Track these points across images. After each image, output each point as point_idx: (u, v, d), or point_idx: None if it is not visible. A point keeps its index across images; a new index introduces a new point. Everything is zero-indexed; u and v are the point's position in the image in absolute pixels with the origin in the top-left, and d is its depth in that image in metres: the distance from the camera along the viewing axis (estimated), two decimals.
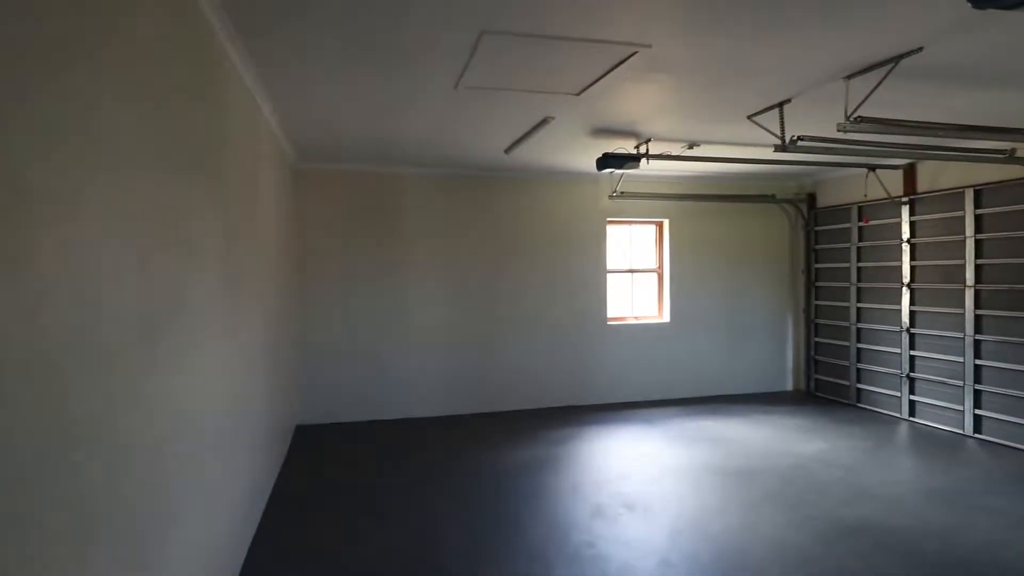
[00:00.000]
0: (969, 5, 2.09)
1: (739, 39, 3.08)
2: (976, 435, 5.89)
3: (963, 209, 6.01)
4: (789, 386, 8.32)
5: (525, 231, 7.32)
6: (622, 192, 7.21)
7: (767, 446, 5.70)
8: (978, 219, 5.89)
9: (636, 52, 3.12)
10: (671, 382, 7.81)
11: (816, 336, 7.99)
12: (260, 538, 3.75)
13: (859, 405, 7.26)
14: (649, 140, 5.37)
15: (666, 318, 7.89)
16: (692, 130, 5.07)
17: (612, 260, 7.71)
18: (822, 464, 5.14)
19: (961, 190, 6.00)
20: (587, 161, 6.24)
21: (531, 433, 6.22)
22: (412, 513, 4.18)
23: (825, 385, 7.85)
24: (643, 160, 5.51)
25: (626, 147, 5.59)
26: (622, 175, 6.91)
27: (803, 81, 3.78)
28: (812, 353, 8.04)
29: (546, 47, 3.11)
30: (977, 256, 5.90)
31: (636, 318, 7.90)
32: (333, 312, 6.70)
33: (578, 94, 3.90)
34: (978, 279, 5.89)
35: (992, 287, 5.78)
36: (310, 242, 6.62)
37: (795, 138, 4.34)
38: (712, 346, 8.00)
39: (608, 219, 7.60)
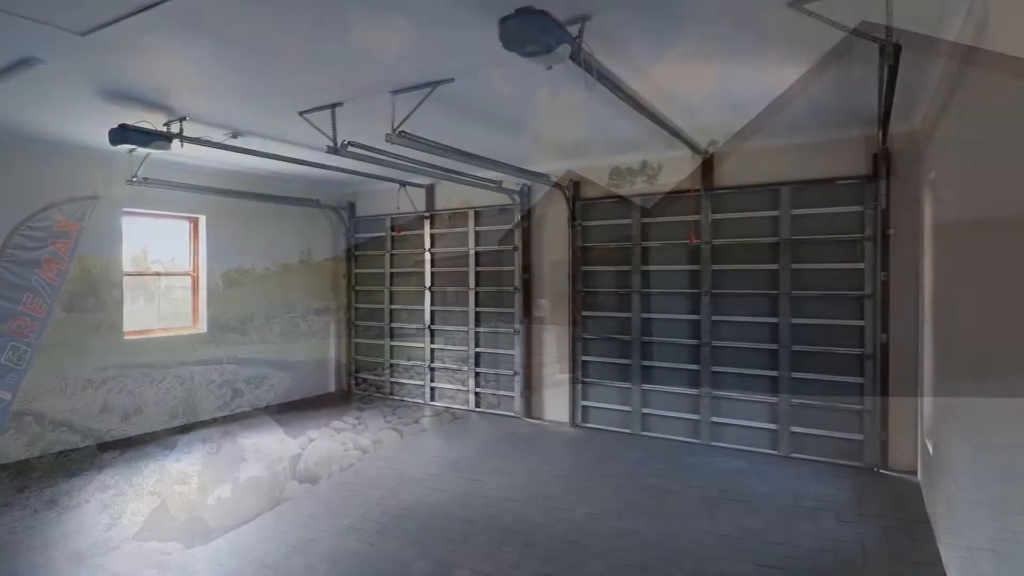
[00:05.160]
0: (499, 45, 2.45)
1: (302, 15, 2.88)
2: (476, 409, 7.29)
3: (467, 226, 7.38)
4: (333, 388, 8.55)
5: None
6: (146, 178, 5.96)
7: (319, 454, 5.64)
8: (477, 234, 7.34)
9: None
10: (208, 401, 6.93)
11: (357, 337, 8.49)
12: None
13: (394, 397, 8.04)
14: (184, 119, 4.56)
15: (203, 328, 6.96)
16: (239, 117, 4.57)
17: (130, 260, 6.31)
18: (370, 460, 5.41)
19: (466, 210, 7.36)
20: (97, 132, 4.89)
21: None
22: None
23: (365, 382, 8.40)
24: (175, 142, 4.66)
25: (153, 123, 4.62)
26: (147, 156, 5.65)
27: (354, 87, 3.86)
28: (353, 353, 8.50)
29: None
30: (476, 265, 7.34)
31: (165, 330, 6.70)
32: None
33: (84, 35, 2.94)
34: (477, 283, 7.33)
35: (484, 289, 7.29)
36: None
37: (346, 143, 4.42)
38: (256, 356, 7.49)
39: (125, 209, 6.18)
